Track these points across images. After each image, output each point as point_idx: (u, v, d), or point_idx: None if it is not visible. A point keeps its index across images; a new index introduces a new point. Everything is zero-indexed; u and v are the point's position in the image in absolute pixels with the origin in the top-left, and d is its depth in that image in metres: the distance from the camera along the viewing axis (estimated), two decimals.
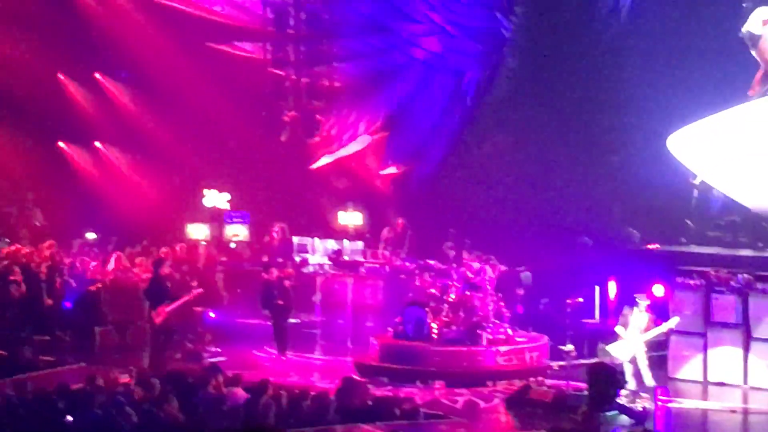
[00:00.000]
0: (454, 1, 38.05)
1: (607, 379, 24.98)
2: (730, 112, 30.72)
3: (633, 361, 26.01)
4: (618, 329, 26.27)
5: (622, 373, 25.65)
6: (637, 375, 26.05)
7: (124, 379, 24.09)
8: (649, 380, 26.00)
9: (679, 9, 35.26)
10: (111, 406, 22.26)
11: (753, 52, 30.86)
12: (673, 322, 26.87)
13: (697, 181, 32.24)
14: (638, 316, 26.05)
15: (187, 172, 36.76)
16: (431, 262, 31.61)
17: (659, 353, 27.71)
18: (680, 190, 33.69)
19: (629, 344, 26.03)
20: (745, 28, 31.05)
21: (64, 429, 20.99)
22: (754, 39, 30.90)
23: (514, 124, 36.08)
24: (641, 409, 24.68)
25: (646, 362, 26.12)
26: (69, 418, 21.56)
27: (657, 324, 26.13)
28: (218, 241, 36.18)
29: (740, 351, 27.82)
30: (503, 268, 30.47)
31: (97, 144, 38.16)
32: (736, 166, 30.85)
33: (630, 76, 34.78)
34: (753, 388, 27.55)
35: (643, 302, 26.17)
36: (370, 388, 25.96)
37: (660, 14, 35.61)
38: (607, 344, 27.60)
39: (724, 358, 27.93)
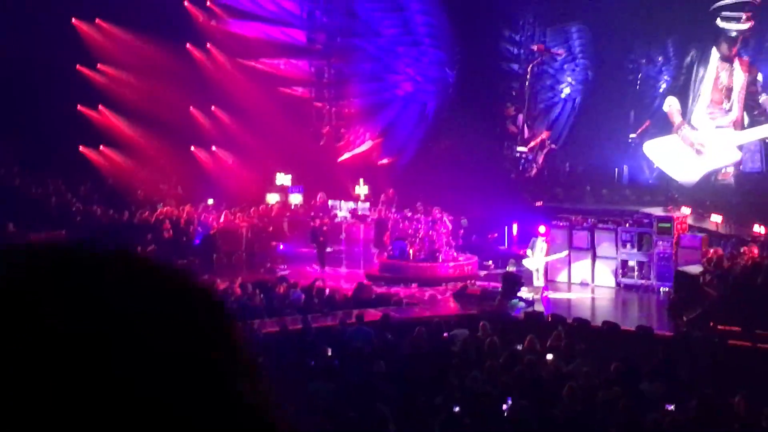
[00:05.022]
0: (420, 61, 37.95)
1: (512, 281, 25.14)
2: (667, 138, 33.43)
3: (536, 270, 26.27)
4: (528, 251, 26.59)
5: (526, 278, 25.85)
6: (537, 278, 26.31)
7: (229, 284, 24.03)
8: (540, 282, 26.19)
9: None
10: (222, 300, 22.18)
11: None
12: (563, 254, 27.22)
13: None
14: (539, 243, 26.40)
15: (266, 163, 36.52)
16: (408, 213, 31.43)
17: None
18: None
19: (534, 260, 26.29)
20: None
21: None
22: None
23: (455, 132, 35.99)
24: (531, 299, 24.73)
25: (543, 271, 26.41)
26: None
27: (547, 243, 26.70)
28: (284, 203, 36.01)
29: (590, 263, 27.78)
30: (451, 217, 30.40)
31: (214, 148, 37.96)
32: (671, 160, 32.47)
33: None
34: (597, 285, 27.55)
35: (542, 236, 26.66)
36: (374, 288, 25.98)
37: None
38: (515, 261, 27.84)
39: (580, 267, 27.87)
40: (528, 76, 35.43)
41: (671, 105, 33.53)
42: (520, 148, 35.59)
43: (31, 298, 1.07)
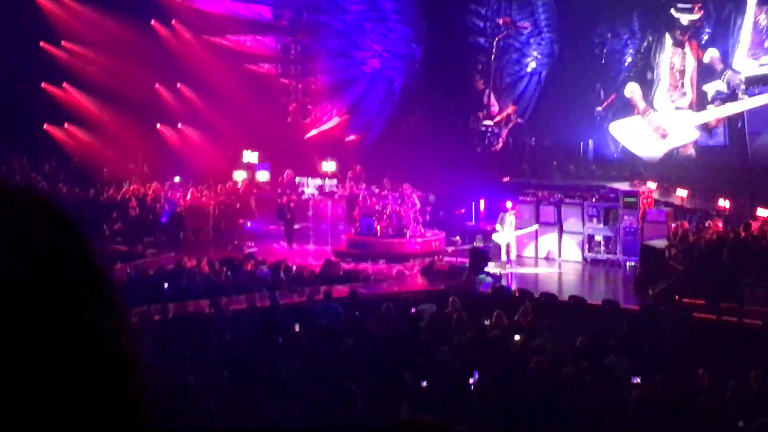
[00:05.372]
0: (387, 37, 37.86)
1: (479, 257, 25.22)
2: (630, 119, 33.69)
3: (507, 245, 26.31)
4: (497, 226, 26.63)
5: (493, 254, 25.92)
6: (507, 253, 26.28)
7: (196, 262, 23.94)
8: (512, 256, 26.37)
9: None
10: (191, 278, 22.16)
11: None
12: (534, 228, 27.33)
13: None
14: (509, 217, 26.49)
15: (232, 140, 36.34)
16: (375, 190, 31.44)
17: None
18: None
19: (503, 235, 26.33)
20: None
21: (163, 293, 20.82)
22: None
23: (421, 109, 36.08)
24: (499, 274, 24.87)
25: (514, 245, 26.49)
26: (165, 285, 21.42)
27: (516, 217, 27.09)
28: (251, 180, 35.84)
29: (556, 238, 27.89)
30: (419, 193, 30.44)
31: (180, 125, 37.74)
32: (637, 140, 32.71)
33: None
34: (564, 260, 27.68)
35: (511, 210, 26.69)
36: (341, 264, 25.98)
37: None
38: (482, 237, 27.88)
39: (547, 242, 27.98)
40: (494, 50, 35.46)
41: (633, 91, 33.92)
42: (486, 122, 35.71)
43: None
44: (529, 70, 36.56)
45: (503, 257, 26.21)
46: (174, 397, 12.27)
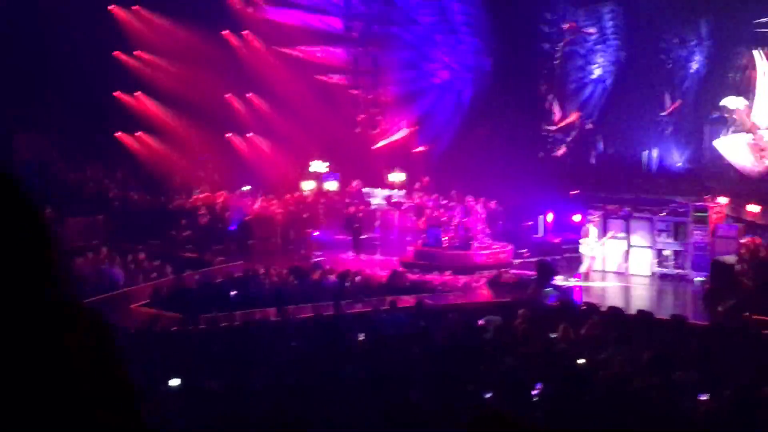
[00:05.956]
0: (457, 49, 37.84)
1: (546, 270, 25.11)
2: (735, 136, 33.24)
3: (591, 257, 26.39)
4: (582, 239, 26.55)
5: (557, 266, 25.87)
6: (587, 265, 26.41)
7: (264, 270, 24.10)
8: (594, 267, 26.51)
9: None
10: (258, 286, 22.32)
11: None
12: (609, 235, 27.17)
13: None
14: (593, 229, 26.45)
15: (301, 150, 36.54)
16: (443, 201, 31.42)
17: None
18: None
19: (590, 247, 26.32)
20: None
21: (230, 301, 20.98)
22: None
23: (490, 121, 35.96)
24: (565, 287, 24.79)
25: (600, 257, 26.86)
26: (233, 293, 21.60)
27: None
28: (320, 190, 36.01)
29: (624, 252, 27.66)
30: (490, 204, 30.50)
31: (250, 134, 38.02)
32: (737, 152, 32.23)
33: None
34: (632, 274, 27.44)
35: (595, 222, 26.71)
36: (408, 275, 26.01)
37: None
38: (546, 252, 27.82)
39: (614, 256, 27.74)
40: (558, 55, 35.28)
41: (738, 105, 33.16)
42: (548, 127, 35.63)
43: None
44: (593, 77, 36.30)
45: (582, 269, 26.22)
46: (237, 400, 12.37)
